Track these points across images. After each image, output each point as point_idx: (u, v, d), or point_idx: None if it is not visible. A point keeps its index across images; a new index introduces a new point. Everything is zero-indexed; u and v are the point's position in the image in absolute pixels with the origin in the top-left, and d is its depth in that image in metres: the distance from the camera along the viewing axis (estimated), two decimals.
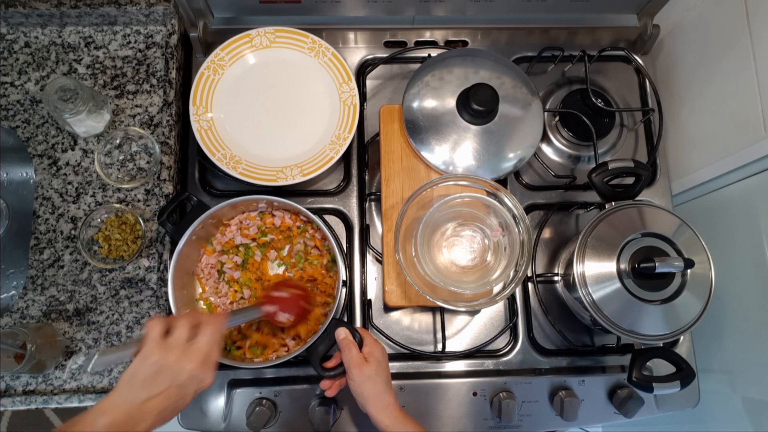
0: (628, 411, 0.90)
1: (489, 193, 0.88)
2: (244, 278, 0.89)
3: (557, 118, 1.03)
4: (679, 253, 0.82)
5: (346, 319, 0.94)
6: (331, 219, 0.99)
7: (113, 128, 0.96)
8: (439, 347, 0.94)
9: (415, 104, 0.94)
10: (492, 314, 0.97)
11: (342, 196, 0.99)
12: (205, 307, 0.90)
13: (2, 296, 0.94)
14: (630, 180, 0.87)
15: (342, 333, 0.78)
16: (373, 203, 1.00)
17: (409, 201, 0.86)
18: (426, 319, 0.96)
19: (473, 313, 0.97)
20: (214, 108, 0.95)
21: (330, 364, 0.79)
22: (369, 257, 0.97)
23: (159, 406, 0.61)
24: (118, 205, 0.91)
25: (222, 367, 0.91)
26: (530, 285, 0.97)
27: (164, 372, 0.62)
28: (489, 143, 0.93)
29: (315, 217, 0.85)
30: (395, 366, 0.93)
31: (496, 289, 0.88)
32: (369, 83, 1.05)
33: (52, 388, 0.87)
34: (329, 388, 0.79)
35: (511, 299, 0.96)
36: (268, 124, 0.96)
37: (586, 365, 0.96)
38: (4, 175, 0.99)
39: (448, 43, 1.07)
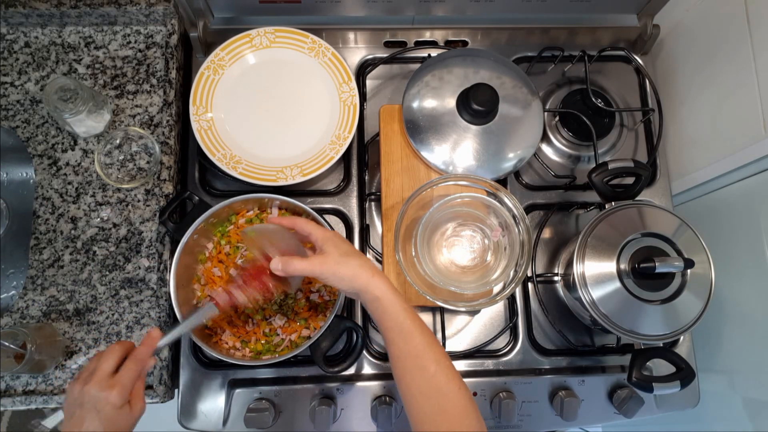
0: (628, 411, 0.90)
1: (489, 193, 0.88)
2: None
3: (557, 118, 1.03)
4: (679, 253, 0.82)
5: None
6: (331, 219, 0.99)
7: (113, 128, 0.96)
8: None
9: (415, 104, 0.94)
10: (492, 314, 0.97)
11: (342, 196, 0.99)
12: None
13: (2, 296, 0.94)
14: (630, 180, 0.87)
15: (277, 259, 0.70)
16: (373, 203, 1.00)
17: (409, 201, 0.86)
18: (426, 319, 0.96)
19: (473, 313, 0.97)
20: (214, 108, 0.95)
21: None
22: (369, 257, 0.97)
23: None
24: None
25: (222, 366, 0.91)
26: (530, 285, 0.97)
27: (86, 405, 0.63)
28: (489, 143, 0.93)
29: (319, 217, 0.85)
30: None
31: (496, 289, 0.88)
32: (369, 83, 1.05)
33: (52, 388, 0.87)
34: None
35: (511, 299, 0.96)
36: (267, 124, 0.96)
37: (586, 365, 0.96)
38: (4, 175, 0.99)
39: (448, 43, 1.07)
